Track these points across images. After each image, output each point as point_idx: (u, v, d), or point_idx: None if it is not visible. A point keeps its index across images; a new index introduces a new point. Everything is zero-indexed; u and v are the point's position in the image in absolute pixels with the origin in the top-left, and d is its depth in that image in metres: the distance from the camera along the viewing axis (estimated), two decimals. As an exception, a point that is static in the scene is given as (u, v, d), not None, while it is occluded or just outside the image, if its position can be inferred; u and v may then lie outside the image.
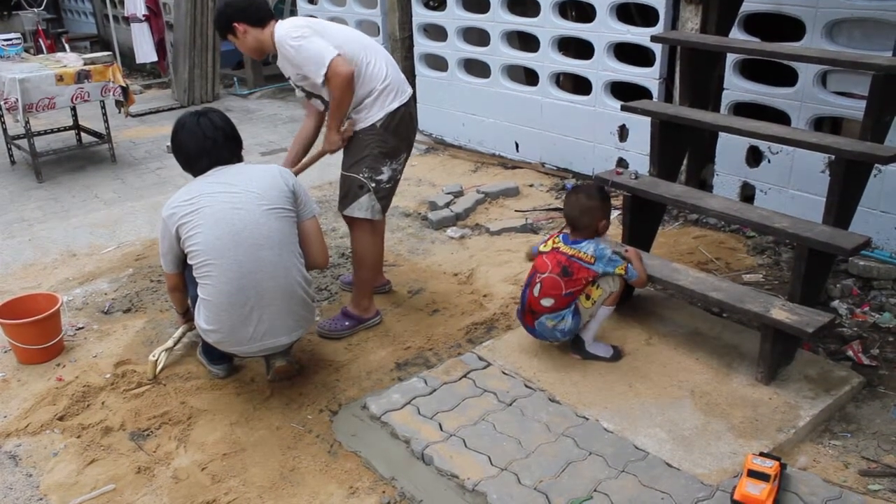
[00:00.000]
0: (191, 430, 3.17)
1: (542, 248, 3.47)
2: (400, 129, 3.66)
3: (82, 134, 7.17)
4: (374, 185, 3.67)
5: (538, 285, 3.37)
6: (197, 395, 3.39)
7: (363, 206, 3.70)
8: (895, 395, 3.20)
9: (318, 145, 3.85)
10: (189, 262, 3.14)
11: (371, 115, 3.59)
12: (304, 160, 3.91)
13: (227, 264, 3.04)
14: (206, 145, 3.21)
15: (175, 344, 3.65)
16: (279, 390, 3.39)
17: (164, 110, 8.68)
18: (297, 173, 3.77)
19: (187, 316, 3.53)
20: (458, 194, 5.50)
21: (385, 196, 3.77)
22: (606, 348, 3.48)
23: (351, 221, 3.81)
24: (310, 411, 3.26)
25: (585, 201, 3.39)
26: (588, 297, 3.36)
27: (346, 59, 3.43)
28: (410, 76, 6.87)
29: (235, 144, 3.32)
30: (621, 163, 3.71)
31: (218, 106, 7.67)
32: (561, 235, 3.45)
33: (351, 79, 3.44)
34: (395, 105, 3.61)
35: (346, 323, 3.85)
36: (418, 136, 6.82)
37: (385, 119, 3.59)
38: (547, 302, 3.35)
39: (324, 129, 3.77)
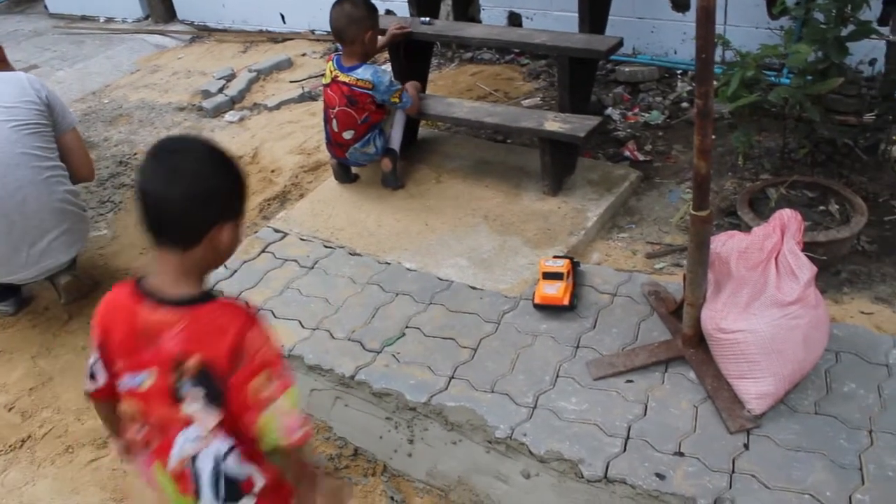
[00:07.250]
0: (-12, 375, 3.00)
1: (324, 81, 3.47)
2: None
3: None
4: None
5: (334, 120, 3.42)
6: (-13, 338, 3.19)
7: None
8: (669, 182, 3.46)
9: None
10: (-60, 196, 2.86)
11: None
12: None
13: None
14: None
15: (-51, 292, 3.37)
16: (77, 311, 3.25)
17: None
18: None
19: None
20: (231, 77, 5.26)
21: None
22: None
23: None
24: (112, 323, 3.13)
25: (350, 10, 3.32)
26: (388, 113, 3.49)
27: None
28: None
29: None
30: (388, 13, 3.64)
31: (-53, 33, 6.86)
32: (334, 59, 3.42)
33: None
34: None
35: None
36: (180, 27, 6.44)
37: None
38: (348, 134, 3.42)
39: None
